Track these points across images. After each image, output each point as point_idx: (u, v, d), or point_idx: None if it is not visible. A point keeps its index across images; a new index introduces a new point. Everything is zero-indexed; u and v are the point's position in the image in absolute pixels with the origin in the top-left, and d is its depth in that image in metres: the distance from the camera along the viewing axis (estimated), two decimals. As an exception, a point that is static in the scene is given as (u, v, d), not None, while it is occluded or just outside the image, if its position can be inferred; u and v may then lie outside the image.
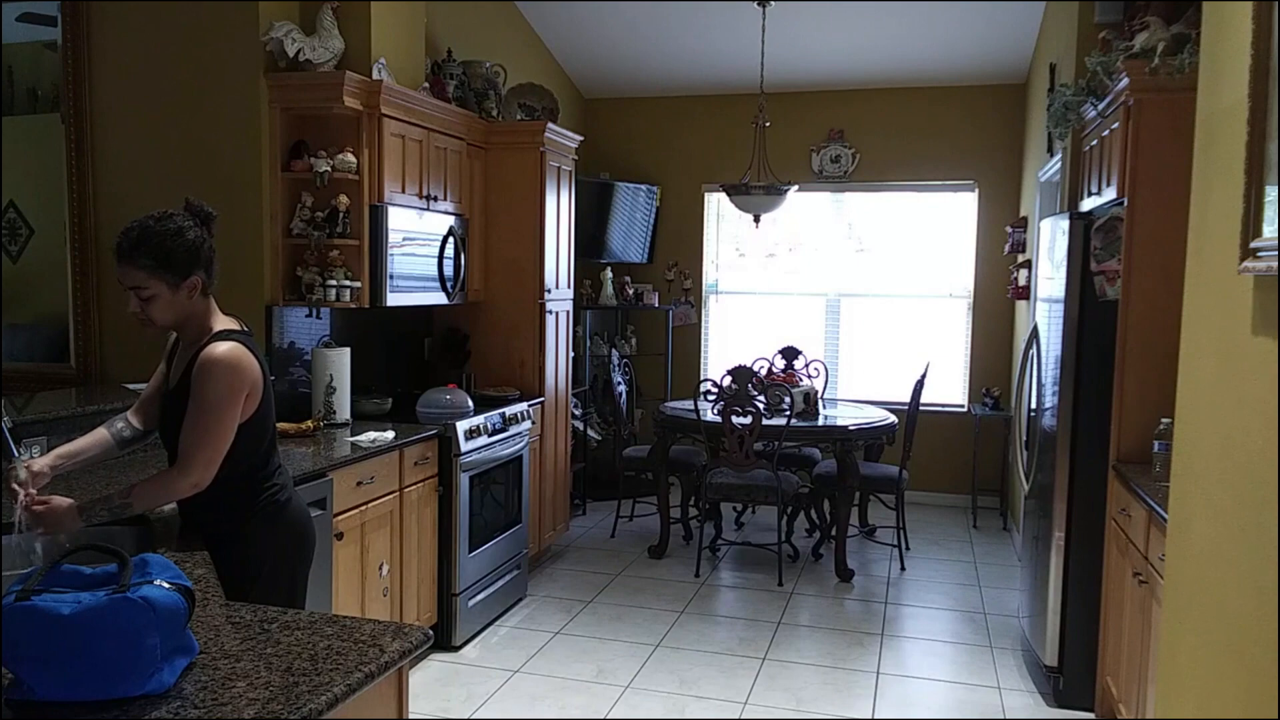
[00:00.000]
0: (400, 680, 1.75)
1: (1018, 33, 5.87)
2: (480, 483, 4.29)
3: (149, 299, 2.16)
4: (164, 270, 2.14)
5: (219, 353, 2.17)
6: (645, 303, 7.05)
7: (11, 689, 1.40)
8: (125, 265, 2.14)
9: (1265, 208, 1.66)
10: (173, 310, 2.19)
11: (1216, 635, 1.84)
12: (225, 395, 2.16)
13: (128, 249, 2.13)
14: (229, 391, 2.16)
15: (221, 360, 2.16)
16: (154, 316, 2.19)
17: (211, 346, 2.18)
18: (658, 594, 4.93)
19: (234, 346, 2.19)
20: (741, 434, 5.09)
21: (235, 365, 2.17)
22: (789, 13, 5.68)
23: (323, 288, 3.90)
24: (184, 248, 2.15)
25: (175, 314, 2.21)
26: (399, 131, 4.11)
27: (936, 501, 6.85)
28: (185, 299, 2.19)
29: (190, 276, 2.17)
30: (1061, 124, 4.17)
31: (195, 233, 2.18)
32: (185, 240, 2.15)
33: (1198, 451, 2.05)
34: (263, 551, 2.32)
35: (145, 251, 2.12)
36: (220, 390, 2.15)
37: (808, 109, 6.90)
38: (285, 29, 3.80)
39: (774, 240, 7.20)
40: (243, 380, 2.19)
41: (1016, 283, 5.95)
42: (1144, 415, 3.38)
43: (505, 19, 6.08)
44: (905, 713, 3.69)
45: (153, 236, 2.13)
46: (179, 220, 2.17)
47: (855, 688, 3.87)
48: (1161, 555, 2.48)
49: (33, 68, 4.56)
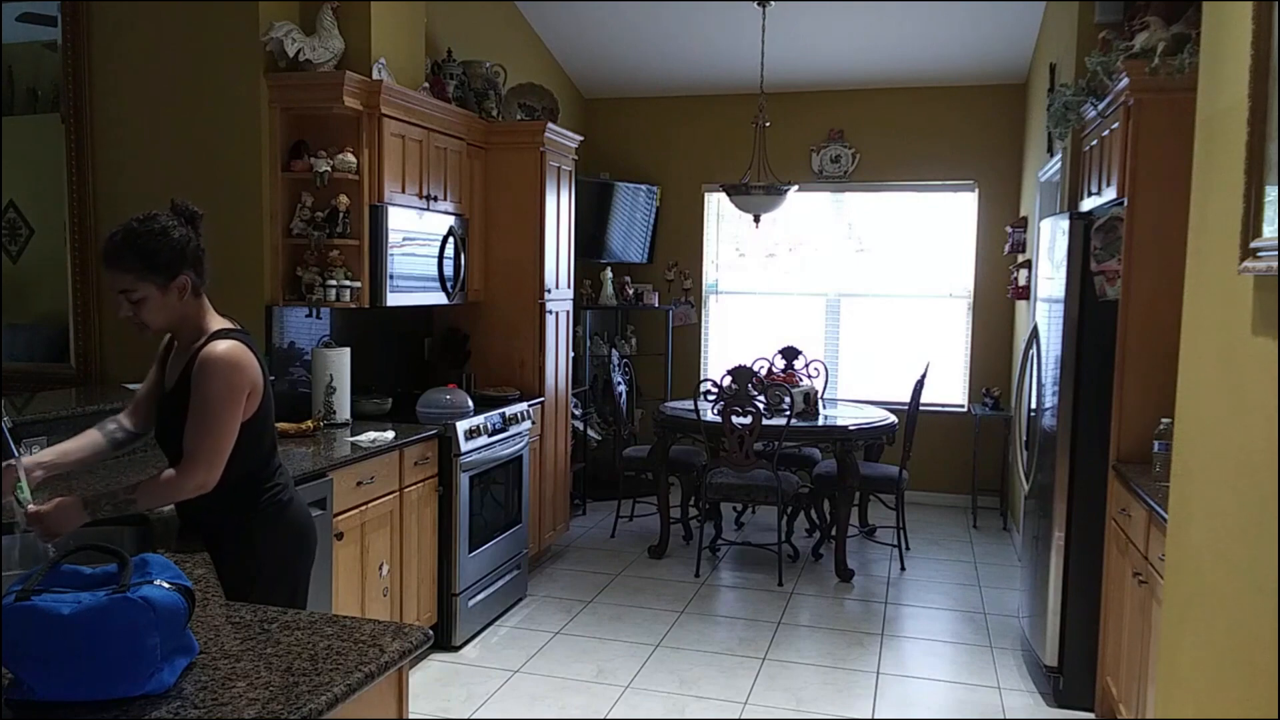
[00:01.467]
0: (400, 680, 1.75)
1: (1018, 33, 5.87)
2: (480, 483, 4.29)
3: (139, 302, 2.13)
4: (151, 271, 2.11)
5: (219, 351, 2.15)
6: (645, 303, 7.05)
7: (11, 689, 1.39)
8: (112, 269, 2.12)
9: (1265, 208, 1.66)
10: (164, 312, 2.17)
11: (1216, 635, 1.84)
12: (227, 394, 2.14)
13: (113, 252, 2.11)
14: (230, 390, 2.15)
15: (222, 358, 2.14)
16: (146, 319, 2.16)
17: (211, 345, 2.16)
18: (658, 594, 4.93)
19: (234, 345, 2.18)
20: (741, 434, 5.09)
21: (236, 363, 2.16)
22: (789, 13, 5.68)
23: (323, 288, 3.90)
24: (170, 247, 2.12)
25: (167, 316, 2.18)
26: (399, 131, 4.11)
27: (936, 501, 6.85)
28: (176, 300, 2.16)
29: (178, 276, 2.15)
30: (1061, 124, 4.17)
31: (181, 232, 2.15)
32: (171, 240, 2.12)
33: (1198, 451, 2.05)
34: (264, 552, 2.31)
35: (131, 253, 2.10)
36: (221, 389, 2.13)
37: (808, 109, 6.90)
38: (285, 29, 3.80)
39: (774, 240, 7.20)
40: (244, 378, 2.17)
41: (1016, 283, 5.95)
42: (1144, 415, 3.38)
43: (505, 19, 6.08)
44: (905, 713, 3.69)
45: (137, 238, 2.10)
46: (163, 220, 2.14)
47: (855, 688, 3.87)
48: (1161, 555, 2.48)
49: (33, 68, 4.56)
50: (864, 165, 6.91)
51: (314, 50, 3.85)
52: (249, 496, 2.30)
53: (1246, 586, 1.68)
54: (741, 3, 5.52)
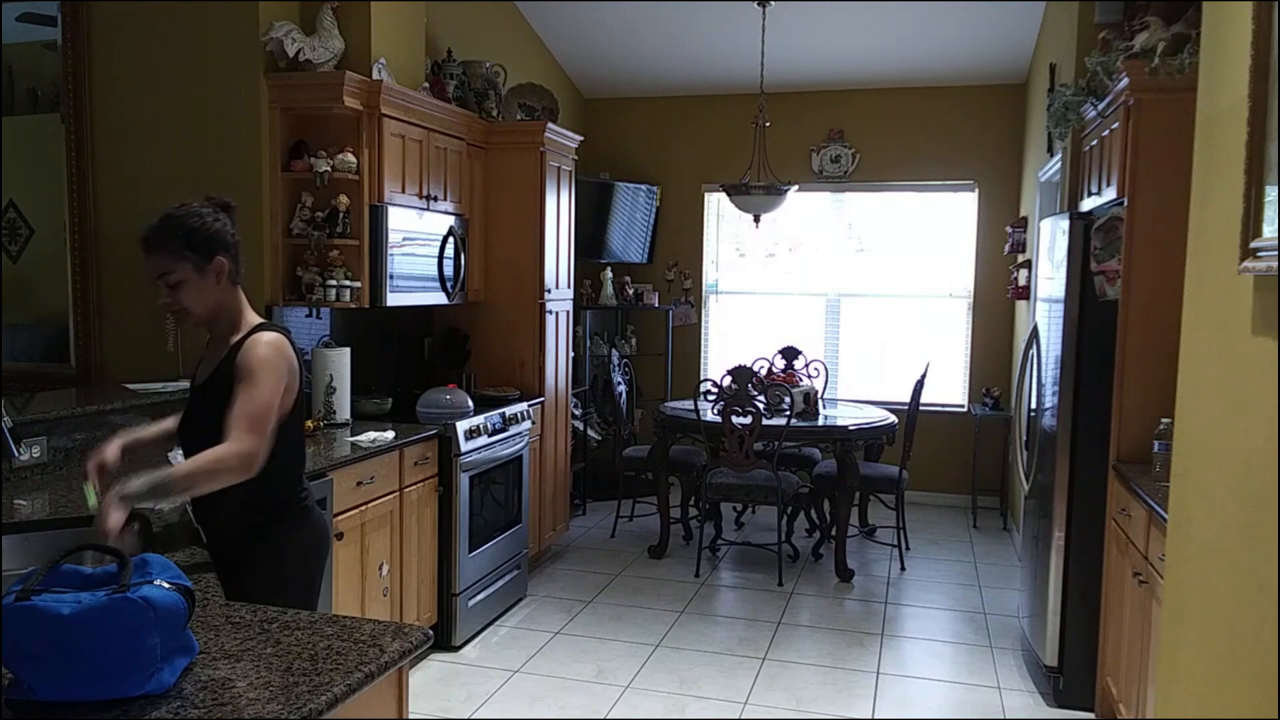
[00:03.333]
0: (400, 680, 1.75)
1: (1018, 33, 5.87)
2: (480, 483, 4.29)
3: (177, 285, 2.16)
4: (189, 251, 2.15)
5: (269, 338, 2.21)
6: (645, 303, 7.05)
7: (11, 689, 1.40)
8: (151, 253, 2.16)
9: (1265, 208, 1.66)
10: (202, 297, 2.19)
11: (1216, 635, 1.84)
12: (275, 378, 2.16)
13: (152, 236, 2.16)
14: (277, 375, 2.17)
15: (273, 344, 2.20)
16: (184, 304, 2.18)
17: (260, 334, 2.21)
18: (658, 594, 4.93)
19: (281, 338, 2.24)
20: (741, 434, 5.09)
21: (284, 352, 2.22)
22: (789, 13, 5.68)
23: (323, 288, 3.90)
24: (206, 229, 2.17)
25: (205, 302, 2.20)
26: (399, 131, 4.11)
27: (936, 501, 6.85)
28: (213, 284, 2.20)
29: (215, 258, 2.18)
30: (1061, 124, 4.17)
31: (216, 218, 2.21)
32: (207, 223, 2.18)
33: (1198, 451, 2.05)
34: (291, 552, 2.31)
35: (168, 235, 2.14)
36: (269, 373, 2.15)
37: (808, 109, 6.90)
38: (285, 29, 3.80)
39: (774, 240, 7.21)
40: (285, 369, 2.21)
41: (1016, 283, 5.95)
42: (1144, 415, 3.38)
43: (505, 19, 6.08)
44: (905, 713, 3.69)
45: (174, 220, 2.16)
46: (198, 206, 2.20)
47: (855, 688, 3.87)
48: (1161, 555, 2.48)
49: (33, 68, 4.55)
50: (864, 165, 6.91)
51: (314, 50, 3.85)
52: (282, 495, 2.31)
53: (1246, 586, 1.68)
54: (741, 3, 5.52)
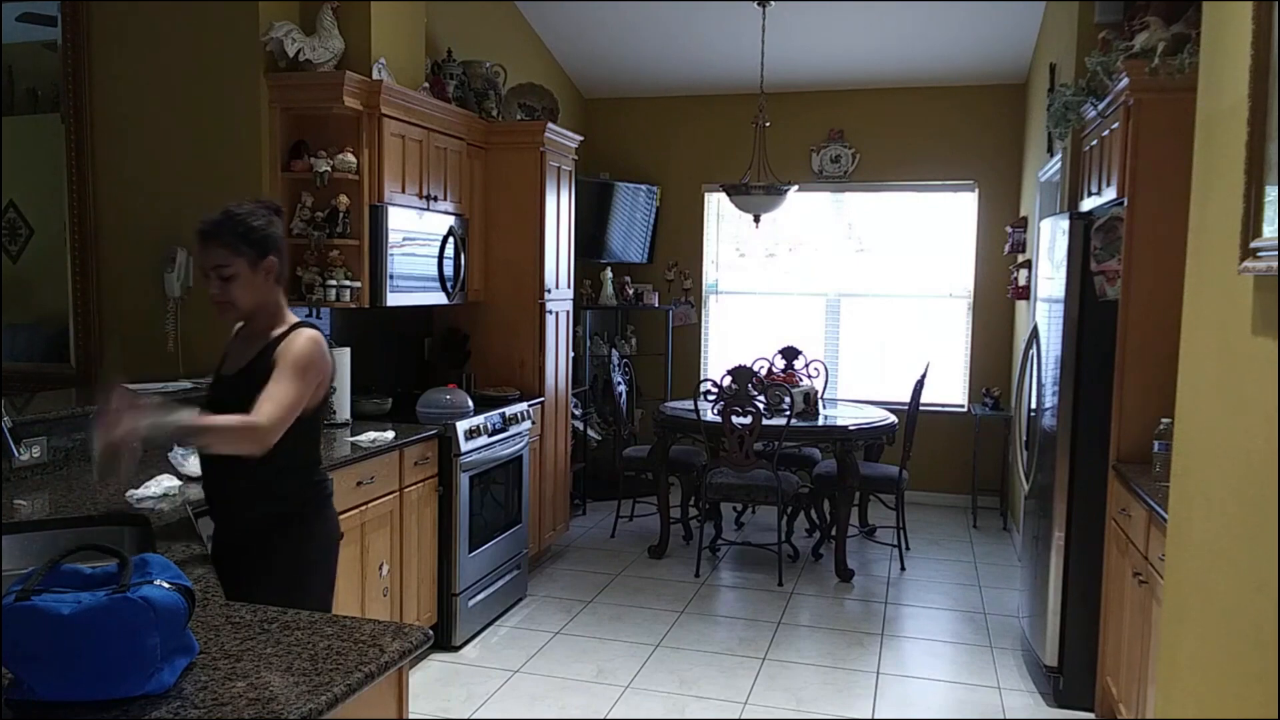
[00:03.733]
0: (400, 680, 1.75)
1: (1018, 33, 5.86)
2: (480, 483, 4.29)
3: (230, 278, 2.27)
4: (246, 246, 2.27)
5: (312, 334, 2.33)
6: (645, 303, 7.05)
7: (11, 689, 1.39)
8: (209, 245, 2.27)
9: (1265, 208, 1.66)
10: (251, 292, 2.30)
11: (1216, 635, 1.84)
12: (311, 373, 2.28)
13: (211, 229, 2.27)
14: (314, 371, 2.29)
15: (315, 340, 2.31)
16: (235, 297, 2.28)
17: (303, 329, 2.33)
18: (658, 594, 4.93)
19: (321, 336, 2.35)
20: (741, 434, 5.09)
21: (322, 350, 2.33)
22: (789, 13, 5.68)
23: (323, 288, 3.90)
24: (265, 229, 2.31)
25: (253, 297, 2.31)
26: (399, 131, 4.11)
27: (936, 501, 6.85)
28: (263, 281, 2.31)
29: (268, 256, 2.30)
30: (1061, 124, 4.17)
31: (271, 220, 2.34)
32: (263, 222, 2.31)
33: (1197, 451, 2.05)
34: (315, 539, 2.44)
35: (227, 230, 2.26)
36: (306, 367, 2.26)
37: (808, 109, 6.90)
38: (285, 29, 3.80)
39: (774, 240, 7.21)
40: (324, 366, 2.33)
41: (1016, 283, 5.95)
42: (1144, 415, 3.38)
43: (505, 19, 6.08)
44: (905, 713, 3.69)
45: (236, 218, 2.28)
46: (252, 206, 2.33)
47: (855, 688, 3.87)
48: (1161, 555, 2.48)
49: (33, 68, 4.56)
50: (864, 165, 6.91)
51: (314, 50, 3.85)
52: (304, 484, 2.42)
53: (1246, 586, 1.68)
54: (741, 3, 5.52)
